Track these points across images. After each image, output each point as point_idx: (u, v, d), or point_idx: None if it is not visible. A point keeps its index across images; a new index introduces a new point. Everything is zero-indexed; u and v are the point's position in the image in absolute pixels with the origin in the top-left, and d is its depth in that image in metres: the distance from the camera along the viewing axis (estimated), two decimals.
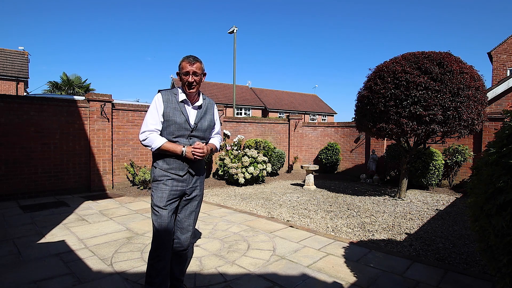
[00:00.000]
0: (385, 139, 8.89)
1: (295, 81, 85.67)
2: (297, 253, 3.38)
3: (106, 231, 4.07)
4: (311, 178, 7.82)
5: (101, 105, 6.89)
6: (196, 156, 2.14)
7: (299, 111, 30.88)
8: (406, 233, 4.26)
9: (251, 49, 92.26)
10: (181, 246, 2.29)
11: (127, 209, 5.34)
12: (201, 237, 3.88)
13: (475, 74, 5.77)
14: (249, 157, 8.13)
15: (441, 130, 5.59)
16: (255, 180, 8.38)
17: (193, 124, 2.22)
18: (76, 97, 7.38)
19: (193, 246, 3.56)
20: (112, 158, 7.19)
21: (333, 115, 34.53)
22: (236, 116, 16.02)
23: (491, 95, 8.28)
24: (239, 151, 8.49)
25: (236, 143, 8.89)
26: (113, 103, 7.21)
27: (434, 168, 7.39)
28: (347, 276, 2.85)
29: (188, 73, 2.14)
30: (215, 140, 2.46)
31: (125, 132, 7.41)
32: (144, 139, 2.14)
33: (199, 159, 2.22)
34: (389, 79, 5.83)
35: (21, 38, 62.86)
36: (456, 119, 5.51)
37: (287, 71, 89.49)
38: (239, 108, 28.13)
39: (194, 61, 2.16)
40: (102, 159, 6.99)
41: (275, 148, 9.77)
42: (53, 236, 3.87)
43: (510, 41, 13.32)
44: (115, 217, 4.80)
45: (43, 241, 3.68)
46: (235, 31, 16.41)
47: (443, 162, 7.59)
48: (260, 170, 8.18)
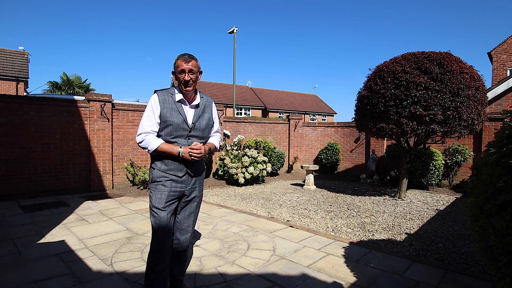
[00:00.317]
0: (385, 139, 8.89)
1: (295, 81, 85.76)
2: (297, 253, 3.38)
3: (106, 231, 4.07)
4: (311, 178, 7.82)
5: (101, 105, 6.89)
6: (193, 157, 2.09)
7: (299, 111, 30.88)
8: (406, 233, 4.26)
9: (251, 49, 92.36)
10: (181, 247, 2.28)
11: (127, 209, 5.34)
12: (201, 237, 3.88)
13: (475, 74, 5.77)
14: (249, 157, 8.13)
15: (441, 130, 5.59)
16: (255, 180, 8.39)
17: (191, 124, 2.17)
18: (76, 97, 7.38)
19: (193, 246, 3.56)
20: (112, 158, 7.19)
21: (333, 115, 34.54)
22: (236, 116, 16.02)
23: (491, 95, 8.29)
24: (239, 151, 8.49)
25: (236, 143, 8.89)
26: (113, 103, 7.21)
27: (434, 168, 7.39)
28: (347, 276, 2.85)
29: (183, 71, 2.09)
30: (214, 139, 2.40)
31: (125, 132, 7.41)
32: (140, 141, 2.11)
33: (198, 160, 2.17)
34: (389, 79, 5.83)
35: (21, 38, 62.96)
36: (456, 119, 5.51)
37: (287, 71, 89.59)
38: (239, 108, 28.13)
39: (189, 59, 2.10)
40: (102, 159, 6.99)
41: (275, 148, 9.77)
42: (53, 236, 3.87)
43: (510, 41, 13.33)
44: (115, 217, 4.80)
45: (43, 241, 3.68)
46: (235, 31, 16.42)
47: (443, 162, 7.59)
48: (260, 170, 8.18)
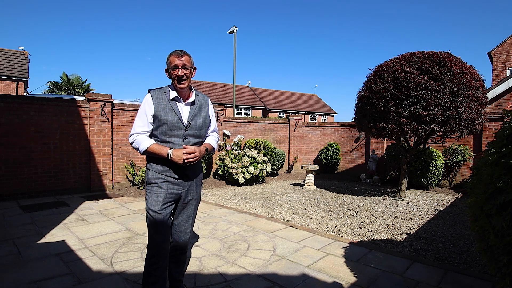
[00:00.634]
0: (385, 139, 8.89)
1: (295, 81, 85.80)
2: (297, 253, 3.38)
3: (106, 231, 4.07)
4: (311, 178, 7.82)
5: (101, 105, 6.89)
6: (189, 162, 2.01)
7: (299, 111, 30.89)
8: (406, 233, 4.26)
9: (251, 49, 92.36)
10: (180, 249, 2.26)
11: (127, 209, 5.34)
12: (201, 237, 3.88)
13: (475, 74, 5.77)
14: (249, 157, 8.13)
15: (441, 130, 5.59)
16: (255, 180, 8.39)
17: (186, 122, 2.11)
18: (76, 97, 7.38)
19: (193, 246, 3.56)
20: (112, 158, 7.19)
21: (333, 115, 34.55)
22: (236, 116, 16.02)
23: (491, 95, 8.29)
24: (239, 151, 8.49)
25: (236, 143, 8.89)
26: (113, 103, 7.21)
27: (434, 168, 7.39)
28: (347, 276, 2.85)
29: (177, 67, 2.03)
30: (211, 139, 2.31)
31: (125, 132, 7.41)
32: (132, 142, 2.07)
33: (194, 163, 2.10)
34: (389, 79, 5.83)
35: (21, 38, 62.92)
36: (456, 119, 5.51)
37: (287, 71, 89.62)
38: (239, 108, 28.13)
39: (182, 54, 2.05)
40: (102, 159, 6.99)
41: (275, 148, 9.77)
42: (53, 236, 3.87)
43: (510, 41, 13.33)
44: (115, 217, 4.80)
45: (43, 241, 3.68)
46: (235, 31, 16.42)
47: (443, 162, 7.59)
48: (260, 170, 8.18)
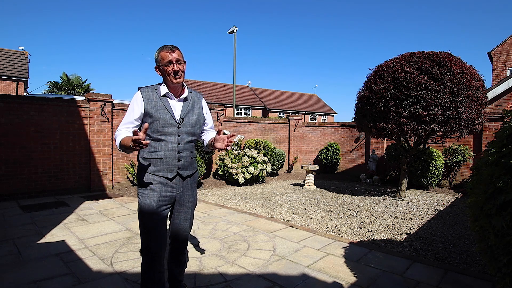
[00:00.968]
0: (385, 139, 8.89)
1: (295, 81, 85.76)
2: (297, 253, 3.38)
3: (106, 231, 4.07)
4: (311, 178, 7.82)
5: (101, 105, 6.89)
6: (135, 143, 1.68)
7: (299, 111, 30.89)
8: (406, 233, 4.26)
9: (251, 49, 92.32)
10: (179, 250, 2.24)
11: (127, 209, 5.34)
12: (201, 237, 3.88)
13: (475, 74, 5.77)
14: (249, 157, 8.13)
15: (441, 130, 5.59)
16: (255, 180, 8.39)
17: (179, 118, 2.04)
18: (76, 97, 7.38)
19: (193, 246, 3.56)
20: (112, 158, 7.19)
21: (333, 115, 34.55)
22: (236, 116, 16.02)
23: (491, 95, 8.29)
24: (239, 151, 8.49)
25: (236, 143, 8.88)
26: (113, 103, 7.21)
27: (434, 168, 7.39)
28: (347, 276, 2.85)
29: (171, 62, 1.97)
30: (213, 133, 2.26)
31: None
32: (115, 139, 1.99)
33: (189, 159, 2.07)
34: (389, 79, 5.83)
35: (21, 38, 62.87)
36: (456, 119, 5.51)
37: (287, 71, 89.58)
38: (239, 108, 28.12)
39: (174, 48, 1.99)
40: (102, 159, 6.99)
41: (275, 148, 9.77)
42: (53, 236, 3.87)
43: (510, 41, 13.33)
44: (115, 217, 4.80)
45: (43, 241, 3.68)
46: (235, 31, 16.42)
47: (443, 162, 7.59)
48: (260, 170, 8.18)
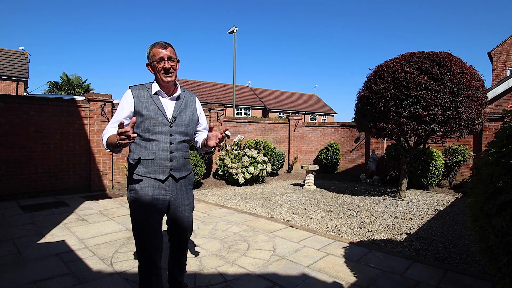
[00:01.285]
0: (385, 139, 8.89)
1: (295, 81, 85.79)
2: (297, 253, 3.38)
3: (106, 231, 4.07)
4: (311, 178, 7.82)
5: (101, 105, 6.89)
6: (122, 138, 1.60)
7: (299, 111, 30.89)
8: (406, 233, 4.26)
9: (251, 49, 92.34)
10: (180, 252, 2.23)
11: (127, 209, 5.34)
12: (201, 237, 3.88)
13: (475, 74, 5.77)
14: (249, 157, 8.13)
15: (441, 130, 5.59)
16: (255, 180, 8.39)
17: (171, 117, 1.96)
18: (76, 97, 7.38)
19: (193, 246, 3.55)
20: (112, 158, 7.19)
21: (333, 115, 34.54)
22: (236, 116, 16.02)
23: (491, 95, 8.28)
24: (239, 151, 8.49)
25: (236, 143, 8.88)
26: (113, 103, 7.21)
27: (434, 168, 7.39)
28: (347, 276, 2.85)
29: (162, 59, 1.90)
30: (206, 134, 2.17)
31: None
32: (102, 139, 1.95)
33: (182, 160, 2.00)
34: (389, 79, 5.83)
35: (21, 38, 62.83)
36: (456, 119, 5.51)
37: (287, 71, 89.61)
38: (239, 108, 28.12)
39: (166, 45, 1.93)
40: (102, 159, 6.99)
41: (275, 148, 9.77)
42: (53, 236, 3.87)
43: (510, 41, 13.33)
44: (115, 217, 4.80)
45: (43, 241, 3.68)
46: (235, 31, 16.42)
47: (443, 162, 7.59)
48: (260, 170, 8.18)
